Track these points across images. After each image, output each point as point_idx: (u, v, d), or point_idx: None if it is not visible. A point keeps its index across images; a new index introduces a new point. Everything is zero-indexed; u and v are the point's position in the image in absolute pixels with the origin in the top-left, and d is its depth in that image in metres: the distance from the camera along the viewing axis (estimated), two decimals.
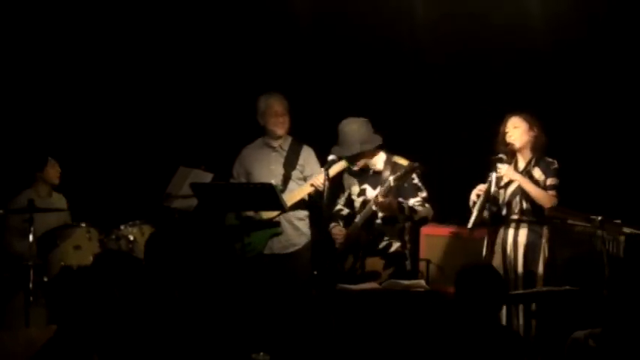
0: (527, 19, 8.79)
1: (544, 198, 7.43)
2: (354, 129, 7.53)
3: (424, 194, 7.58)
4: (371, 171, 7.66)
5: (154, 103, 9.85)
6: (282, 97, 8.31)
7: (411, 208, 7.48)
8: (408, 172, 7.32)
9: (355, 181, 7.77)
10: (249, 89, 9.33)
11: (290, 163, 8.31)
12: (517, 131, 7.55)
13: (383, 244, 7.64)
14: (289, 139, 8.40)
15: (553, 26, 8.76)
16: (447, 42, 9.19)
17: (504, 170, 7.46)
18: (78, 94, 9.86)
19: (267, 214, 8.20)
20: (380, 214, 7.56)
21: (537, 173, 7.51)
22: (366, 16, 9.22)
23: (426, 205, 7.58)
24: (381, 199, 7.38)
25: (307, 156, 8.31)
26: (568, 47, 8.88)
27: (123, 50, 9.82)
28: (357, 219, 7.68)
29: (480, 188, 7.50)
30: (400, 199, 7.46)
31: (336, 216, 7.90)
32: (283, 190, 8.17)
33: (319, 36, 9.51)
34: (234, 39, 9.68)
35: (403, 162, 7.58)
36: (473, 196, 7.53)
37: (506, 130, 7.56)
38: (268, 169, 8.32)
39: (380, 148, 7.62)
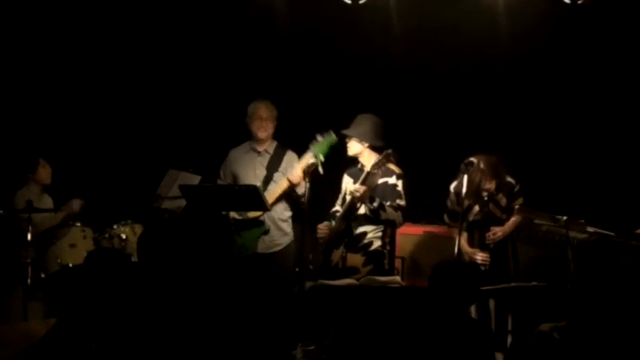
0: (496, 30, 8.84)
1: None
2: (363, 120, 7.72)
3: (402, 202, 7.63)
4: (365, 171, 7.71)
5: (143, 112, 9.83)
6: (272, 105, 8.32)
7: (381, 204, 7.53)
8: (382, 159, 7.45)
9: (351, 180, 7.83)
10: (235, 95, 9.38)
11: (273, 165, 8.30)
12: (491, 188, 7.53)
13: (364, 242, 7.69)
14: (274, 144, 8.40)
15: (519, 36, 8.82)
16: (419, 52, 9.24)
17: (498, 235, 7.51)
18: (71, 100, 9.80)
19: (253, 214, 8.21)
20: (363, 209, 7.64)
21: (501, 198, 7.54)
22: (344, 29, 9.25)
23: (399, 211, 7.63)
24: (356, 187, 7.50)
25: (290, 160, 8.30)
26: (533, 55, 8.96)
27: (115, 54, 9.75)
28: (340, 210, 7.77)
29: (484, 257, 7.51)
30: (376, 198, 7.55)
31: (332, 216, 7.95)
32: (264, 190, 8.18)
33: (302, 47, 9.54)
34: (222, 47, 9.67)
35: (394, 168, 7.65)
36: (479, 260, 7.54)
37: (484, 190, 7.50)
38: (254, 173, 8.31)
39: (376, 150, 7.69)
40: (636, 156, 8.68)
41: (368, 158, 7.72)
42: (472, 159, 7.44)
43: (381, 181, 7.64)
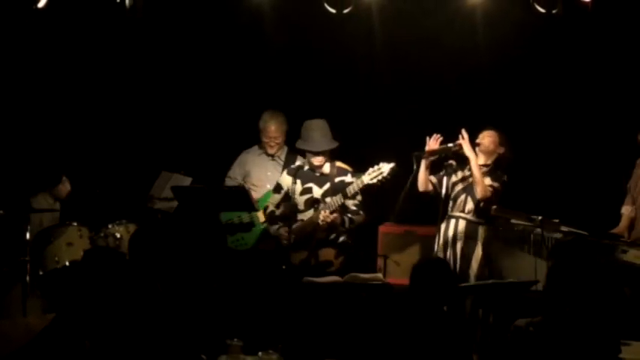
0: (474, 39, 8.89)
1: (481, 185, 7.48)
2: (321, 127, 7.71)
3: (360, 198, 7.71)
4: (317, 172, 7.74)
5: (137, 115, 9.82)
6: (282, 120, 8.38)
7: (350, 220, 7.66)
8: (389, 174, 7.48)
9: (294, 180, 7.82)
10: (226, 99, 9.41)
11: None
12: (487, 139, 7.62)
13: (332, 236, 7.74)
14: (285, 149, 8.46)
15: (497, 45, 8.88)
16: (401, 62, 9.29)
17: (465, 148, 7.53)
18: (67, 100, 9.75)
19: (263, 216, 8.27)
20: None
21: (487, 180, 7.57)
22: (329, 40, 9.29)
23: (361, 212, 7.73)
24: (324, 214, 7.54)
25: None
26: (510, 63, 9.02)
27: (111, 57, 9.71)
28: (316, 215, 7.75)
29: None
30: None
31: (273, 218, 7.98)
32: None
33: (288, 53, 9.56)
34: (211, 53, 9.67)
35: (346, 167, 7.72)
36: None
37: (479, 138, 7.63)
38: (265, 175, 8.43)
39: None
40: (610, 157, 8.72)
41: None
42: (451, 161, 7.53)
43: (337, 179, 7.71)
